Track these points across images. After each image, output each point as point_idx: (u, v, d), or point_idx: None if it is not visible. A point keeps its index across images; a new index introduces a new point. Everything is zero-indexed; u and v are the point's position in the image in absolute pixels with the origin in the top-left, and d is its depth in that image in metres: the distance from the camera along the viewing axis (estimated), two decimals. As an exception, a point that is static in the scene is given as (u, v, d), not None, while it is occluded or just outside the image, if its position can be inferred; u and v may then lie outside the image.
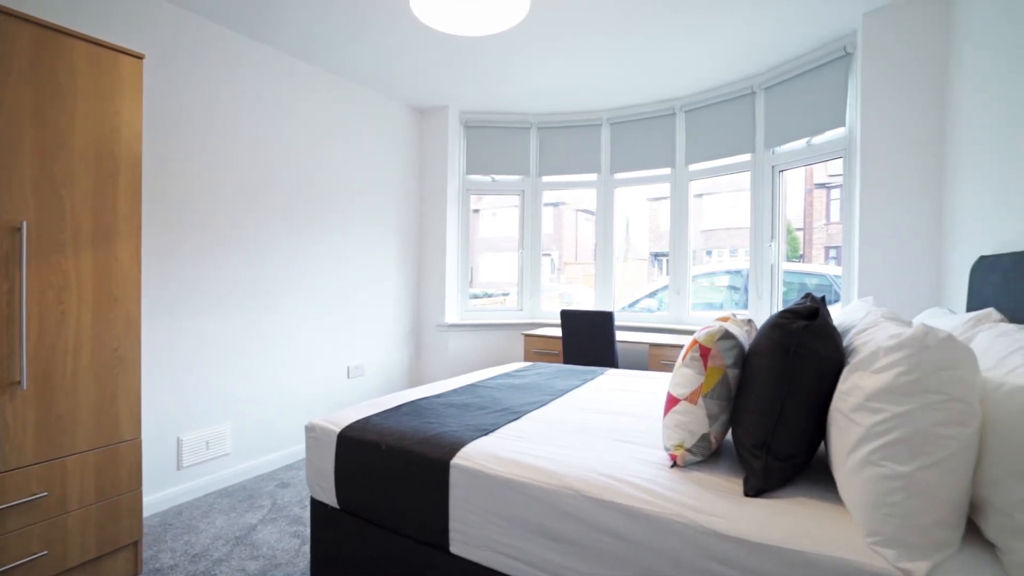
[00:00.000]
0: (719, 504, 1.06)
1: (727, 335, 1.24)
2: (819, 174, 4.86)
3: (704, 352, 1.24)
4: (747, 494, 1.09)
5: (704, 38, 2.73)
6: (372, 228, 3.57)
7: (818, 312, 1.14)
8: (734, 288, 3.84)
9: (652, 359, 3.12)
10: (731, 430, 1.25)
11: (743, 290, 3.46)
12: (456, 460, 1.35)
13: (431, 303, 3.96)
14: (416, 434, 1.50)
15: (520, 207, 4.12)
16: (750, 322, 1.52)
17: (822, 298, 1.40)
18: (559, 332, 3.47)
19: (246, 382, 2.75)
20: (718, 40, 2.76)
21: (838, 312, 1.81)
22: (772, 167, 3.19)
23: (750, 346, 1.25)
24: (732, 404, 1.24)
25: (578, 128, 3.96)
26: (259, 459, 2.82)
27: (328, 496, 1.60)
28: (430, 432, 1.51)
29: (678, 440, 1.24)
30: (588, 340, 3.20)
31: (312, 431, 1.66)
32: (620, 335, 3.34)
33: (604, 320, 3.14)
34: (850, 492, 0.96)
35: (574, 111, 3.92)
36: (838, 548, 0.90)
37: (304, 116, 3.06)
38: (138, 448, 1.80)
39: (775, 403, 1.10)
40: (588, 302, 4.07)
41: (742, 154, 3.33)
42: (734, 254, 4.27)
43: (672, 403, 1.27)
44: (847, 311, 1.71)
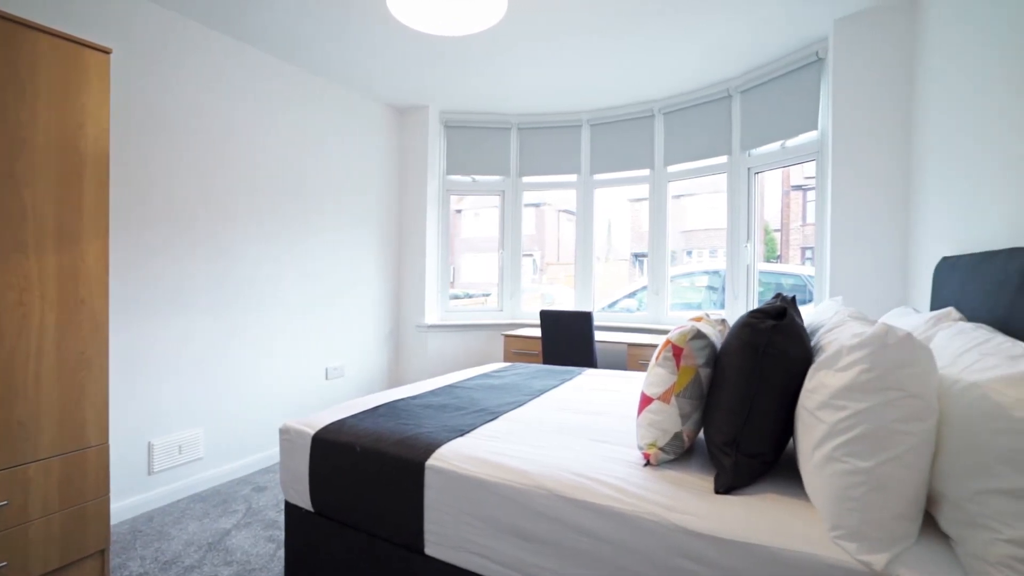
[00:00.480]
0: (691, 502, 1.07)
1: (699, 335, 1.26)
2: (796, 176, 4.96)
3: (677, 352, 1.25)
4: (718, 491, 1.11)
5: (682, 41, 2.77)
6: (351, 228, 3.54)
7: (786, 312, 1.17)
8: (713, 288, 3.89)
9: (630, 359, 3.15)
10: (703, 428, 1.27)
11: (721, 290, 3.51)
12: (431, 461, 1.34)
13: (411, 304, 3.94)
14: (392, 435, 1.49)
15: (500, 207, 4.12)
16: (723, 322, 1.54)
17: (792, 298, 1.43)
18: (539, 332, 3.48)
19: (221, 385, 2.69)
20: (696, 43, 2.80)
21: (810, 312, 1.85)
22: (748, 169, 3.25)
23: (721, 345, 1.28)
24: (704, 403, 1.26)
25: (558, 129, 3.98)
26: (234, 463, 2.77)
27: (302, 499, 1.58)
28: (406, 433, 1.50)
29: (651, 439, 1.25)
30: (567, 340, 3.21)
31: (286, 433, 1.63)
32: (599, 335, 3.36)
33: (583, 320, 3.16)
34: (815, 488, 0.99)
35: (554, 112, 3.93)
36: (803, 543, 0.92)
37: (281, 115, 3.01)
38: (105, 454, 1.75)
39: (745, 402, 1.12)
40: (570, 302, 4.09)
41: (719, 156, 3.38)
42: (714, 255, 4.33)
43: (646, 402, 1.28)
44: (818, 311, 1.75)
